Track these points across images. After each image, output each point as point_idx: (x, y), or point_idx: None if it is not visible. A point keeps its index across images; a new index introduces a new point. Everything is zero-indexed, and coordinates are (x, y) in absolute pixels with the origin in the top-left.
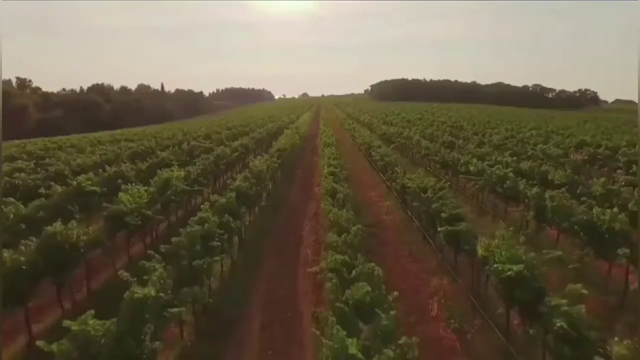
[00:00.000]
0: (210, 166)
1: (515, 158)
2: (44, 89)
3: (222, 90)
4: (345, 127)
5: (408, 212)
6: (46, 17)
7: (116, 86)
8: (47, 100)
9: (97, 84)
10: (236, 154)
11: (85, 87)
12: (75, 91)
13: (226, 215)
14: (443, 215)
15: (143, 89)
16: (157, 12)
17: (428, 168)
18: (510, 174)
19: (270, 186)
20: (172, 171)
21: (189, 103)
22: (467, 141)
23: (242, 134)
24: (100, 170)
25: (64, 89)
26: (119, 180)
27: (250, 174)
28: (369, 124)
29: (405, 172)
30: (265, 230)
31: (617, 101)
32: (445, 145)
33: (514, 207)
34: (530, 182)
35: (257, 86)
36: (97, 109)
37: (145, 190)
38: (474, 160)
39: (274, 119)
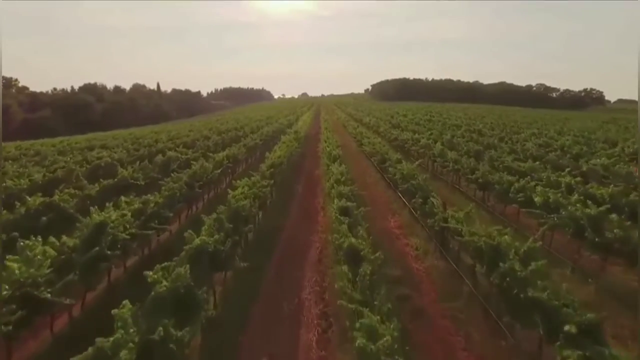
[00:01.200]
0: (182, 189)
1: (579, 178)
2: (43, 90)
3: (221, 90)
4: (349, 131)
5: (451, 262)
6: (46, 17)
7: (114, 86)
8: (34, 100)
9: (89, 84)
10: (219, 170)
11: (80, 87)
12: (66, 91)
13: (159, 329)
14: (568, 330)
15: (138, 88)
16: (157, 12)
17: (456, 185)
18: (614, 217)
19: (260, 216)
20: (119, 207)
21: (185, 103)
22: (496, 150)
23: (234, 139)
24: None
25: (54, 89)
26: (44, 218)
27: (228, 211)
28: (375, 127)
29: (446, 205)
30: (249, 292)
31: (620, 101)
32: (471, 155)
33: (620, 265)
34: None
35: (257, 86)
36: (88, 109)
37: (60, 246)
38: (538, 187)
39: (272, 121)
